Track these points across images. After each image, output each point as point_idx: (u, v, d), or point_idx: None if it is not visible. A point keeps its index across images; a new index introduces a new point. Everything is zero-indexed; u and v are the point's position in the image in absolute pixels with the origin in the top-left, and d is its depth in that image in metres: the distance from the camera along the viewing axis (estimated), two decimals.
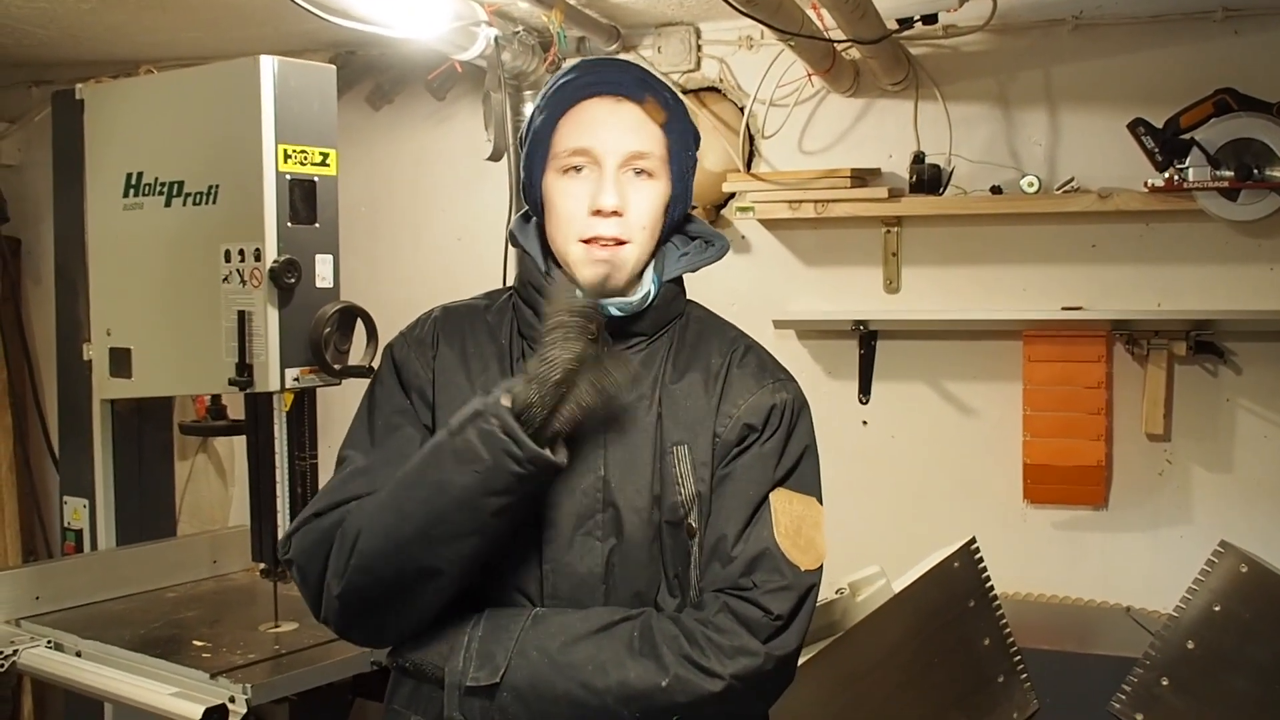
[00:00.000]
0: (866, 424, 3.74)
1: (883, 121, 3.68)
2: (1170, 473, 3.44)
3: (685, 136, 1.84)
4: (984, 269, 3.59)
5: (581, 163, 1.78)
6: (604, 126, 1.78)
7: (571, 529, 1.76)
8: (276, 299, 2.95)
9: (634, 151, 1.78)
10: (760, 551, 1.74)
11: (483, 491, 1.64)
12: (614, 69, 1.82)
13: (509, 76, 3.60)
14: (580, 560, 1.75)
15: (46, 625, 3.09)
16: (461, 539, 1.67)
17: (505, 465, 1.62)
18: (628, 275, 1.80)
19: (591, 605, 1.75)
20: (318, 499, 1.82)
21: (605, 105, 1.79)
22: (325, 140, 3.06)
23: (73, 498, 3.58)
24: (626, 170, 1.78)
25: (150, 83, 3.38)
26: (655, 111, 1.80)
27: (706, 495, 1.78)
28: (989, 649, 2.57)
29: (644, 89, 1.79)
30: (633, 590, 1.77)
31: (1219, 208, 3.19)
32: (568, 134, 1.80)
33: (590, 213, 1.76)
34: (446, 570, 1.69)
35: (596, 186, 1.77)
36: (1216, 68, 3.27)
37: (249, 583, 3.51)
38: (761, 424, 1.80)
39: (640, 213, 1.78)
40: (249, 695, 2.66)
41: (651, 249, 1.83)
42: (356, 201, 4.08)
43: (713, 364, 1.85)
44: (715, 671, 1.68)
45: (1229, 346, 3.35)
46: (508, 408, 1.63)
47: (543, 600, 1.76)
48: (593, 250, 1.77)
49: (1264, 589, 2.44)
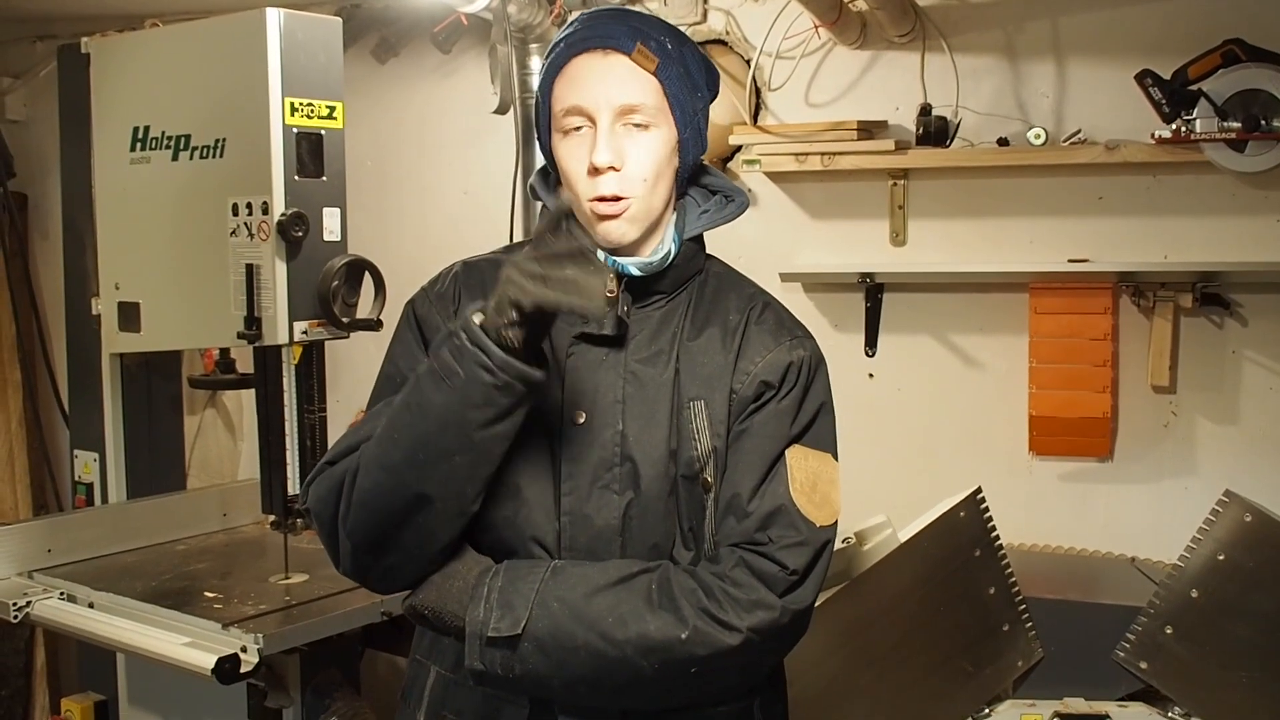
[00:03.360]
0: (873, 376, 3.75)
1: (889, 74, 3.67)
2: (1175, 424, 3.45)
3: (689, 80, 1.83)
4: (990, 221, 3.58)
5: (578, 122, 1.78)
6: (593, 81, 1.77)
7: (589, 482, 1.77)
8: (284, 252, 2.96)
9: (625, 104, 1.76)
10: (776, 507, 1.76)
11: (461, 405, 1.65)
12: (605, 21, 1.81)
13: (515, 29, 3.59)
14: (598, 513, 1.77)
15: (59, 578, 3.12)
16: (447, 459, 1.68)
17: (478, 376, 1.63)
18: (641, 228, 1.80)
19: (608, 557, 1.76)
20: (333, 448, 1.84)
21: (594, 60, 1.78)
22: (331, 93, 3.06)
23: (83, 452, 3.60)
24: (624, 124, 1.77)
25: (156, 36, 3.38)
26: (645, 60, 1.78)
27: (722, 450, 1.80)
28: (994, 598, 2.58)
29: (634, 38, 1.78)
30: (649, 543, 1.78)
31: (1226, 159, 3.18)
32: (562, 93, 1.79)
33: (588, 172, 1.77)
34: (437, 496, 1.70)
35: (592, 145, 1.76)
36: (1224, 18, 3.24)
37: (259, 535, 3.54)
38: (779, 381, 1.81)
39: (639, 165, 1.77)
40: (260, 645, 2.69)
41: (664, 198, 1.83)
42: (363, 155, 4.08)
43: (730, 320, 1.85)
44: (733, 625, 1.70)
45: (1235, 298, 3.34)
46: (478, 323, 1.64)
47: (560, 553, 1.77)
48: (599, 207, 1.77)
49: (1268, 538, 2.45)
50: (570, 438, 1.78)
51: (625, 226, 1.78)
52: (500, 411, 1.66)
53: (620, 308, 1.79)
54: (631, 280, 1.81)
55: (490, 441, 1.68)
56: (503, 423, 1.67)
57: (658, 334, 1.83)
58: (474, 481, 1.71)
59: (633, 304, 1.82)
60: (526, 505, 1.78)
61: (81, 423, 3.61)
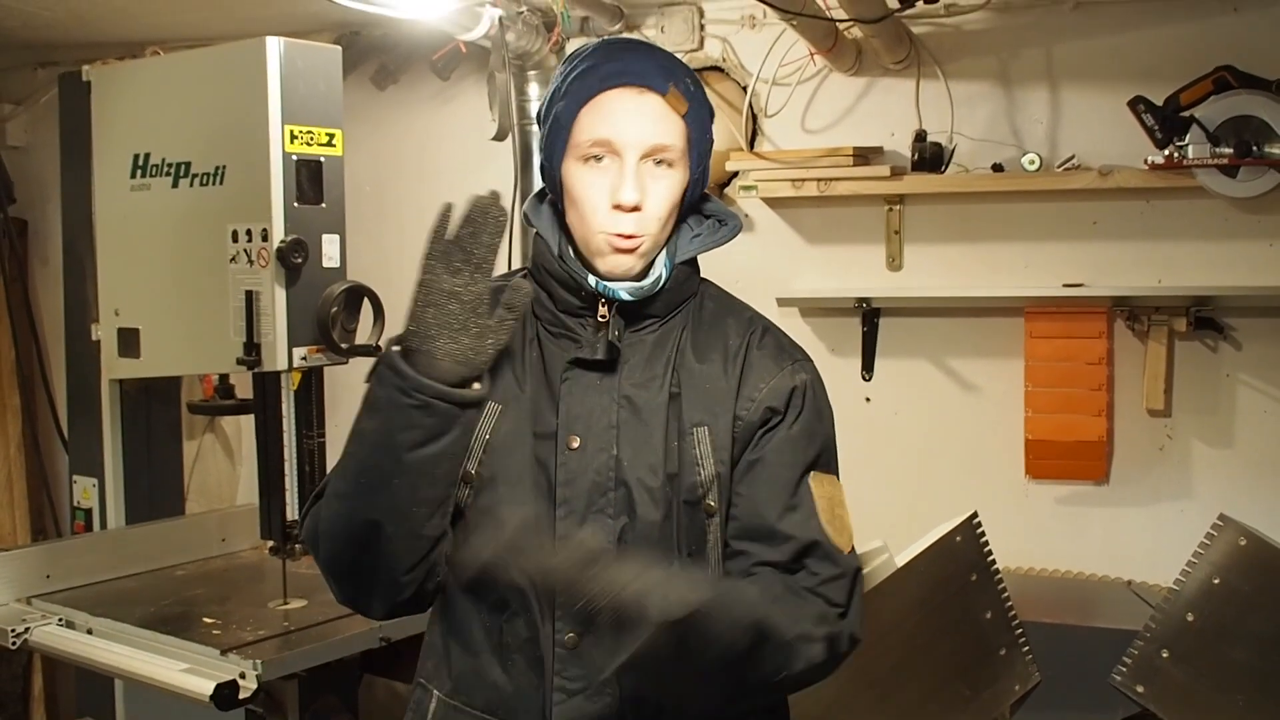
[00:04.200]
0: (869, 401, 3.76)
1: (885, 100, 3.69)
2: (1171, 448, 3.46)
3: (704, 121, 1.84)
4: (986, 246, 3.60)
5: (602, 153, 1.77)
6: (627, 119, 1.76)
7: (584, 506, 1.77)
8: (284, 279, 2.97)
9: (656, 145, 1.76)
10: (810, 541, 1.77)
11: (388, 430, 1.66)
12: (637, 56, 1.81)
13: (513, 56, 3.62)
14: (592, 537, 1.77)
15: (57, 603, 3.12)
16: (387, 485, 1.68)
17: (398, 400, 1.64)
18: (647, 262, 1.82)
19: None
20: (325, 480, 1.86)
21: (629, 96, 1.77)
22: (331, 121, 3.07)
23: (82, 477, 3.61)
24: (647, 161, 1.77)
25: (157, 64, 3.41)
26: (678, 102, 1.78)
27: (726, 476, 1.81)
28: (991, 622, 2.59)
29: (667, 78, 1.78)
30: None
31: (1219, 184, 3.20)
32: (590, 124, 1.78)
33: (611, 206, 1.76)
34: (385, 521, 1.70)
35: (617, 179, 1.76)
36: (1216, 45, 3.27)
37: (257, 560, 3.54)
38: (784, 406, 1.82)
39: (658, 204, 1.78)
40: (259, 671, 2.69)
41: (669, 233, 1.84)
42: (362, 181, 4.09)
43: (730, 345, 1.86)
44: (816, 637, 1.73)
45: (1229, 322, 3.36)
46: (396, 349, 1.66)
47: None
48: (616, 241, 1.78)
49: (1263, 562, 2.46)
50: (565, 462, 1.79)
51: (636, 261, 1.79)
52: (428, 433, 1.65)
53: (612, 332, 1.80)
54: (623, 304, 1.82)
55: (423, 463, 1.67)
56: (434, 443, 1.66)
57: (651, 358, 1.84)
58: (420, 504, 1.71)
59: (625, 328, 1.83)
60: (523, 530, 1.78)
61: (80, 448, 3.61)
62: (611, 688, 1.76)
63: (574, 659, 1.76)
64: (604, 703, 1.76)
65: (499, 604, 1.80)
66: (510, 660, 1.80)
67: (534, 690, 1.78)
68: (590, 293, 1.81)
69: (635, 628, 1.56)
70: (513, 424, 1.81)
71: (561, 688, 1.76)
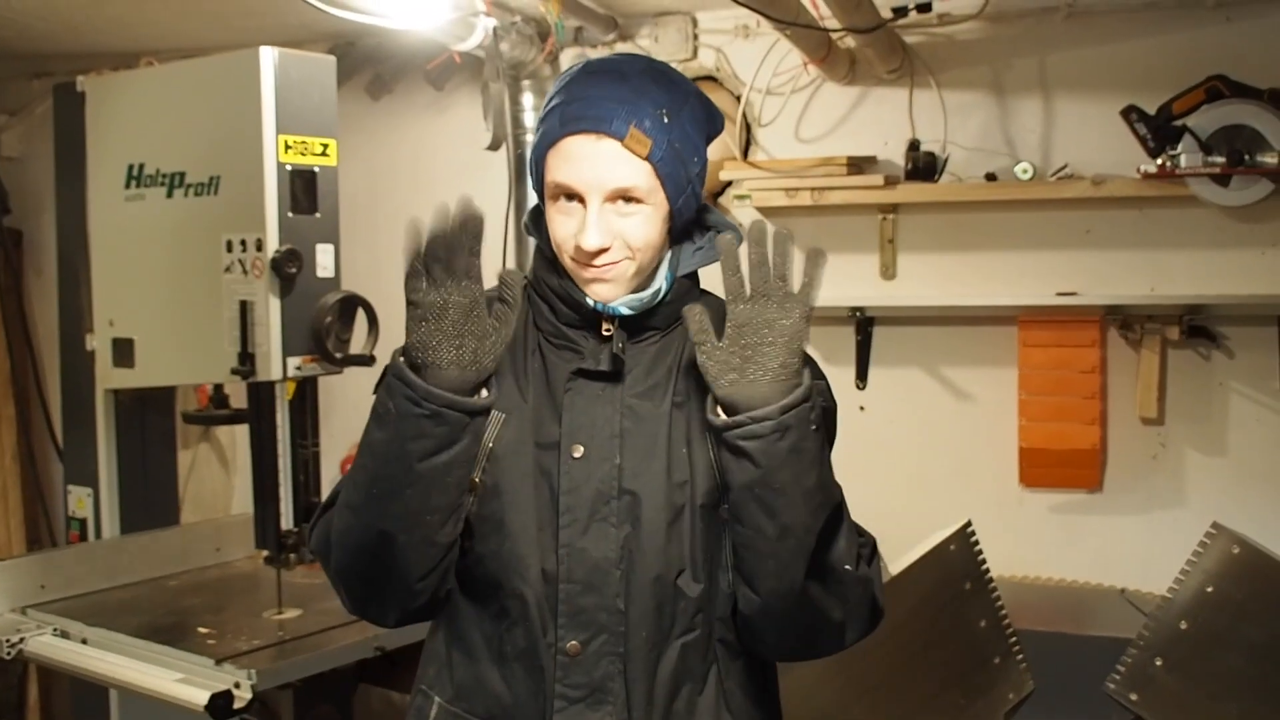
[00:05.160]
0: (863, 410, 3.76)
1: (878, 109, 3.70)
2: (1164, 456, 3.47)
3: (682, 153, 1.79)
4: (979, 255, 3.61)
5: (567, 197, 1.77)
6: (584, 165, 1.74)
7: (587, 515, 1.77)
8: (278, 289, 2.97)
9: (615, 189, 1.74)
10: None
11: (399, 440, 1.66)
12: (601, 96, 1.76)
13: (507, 66, 3.62)
14: (595, 546, 1.77)
15: (52, 613, 3.12)
16: (399, 494, 1.69)
17: (408, 410, 1.64)
18: (630, 285, 1.81)
19: (607, 589, 1.77)
20: (333, 492, 1.87)
21: (586, 143, 1.74)
22: (325, 131, 3.08)
23: (77, 487, 3.60)
24: (616, 201, 1.75)
25: (151, 75, 3.40)
26: (638, 145, 1.74)
27: None
28: (985, 630, 2.60)
29: (627, 120, 1.74)
30: (651, 575, 1.78)
31: (1211, 193, 3.21)
32: (554, 167, 1.77)
33: (576, 247, 1.76)
34: (398, 530, 1.71)
35: (581, 223, 1.75)
36: (1208, 54, 3.28)
37: (252, 570, 3.53)
38: None
39: (632, 238, 1.76)
40: (254, 681, 2.69)
41: (655, 258, 1.82)
42: (357, 191, 4.09)
43: None
44: None
45: (1222, 331, 3.37)
46: (403, 358, 1.67)
47: (559, 583, 1.78)
48: (589, 271, 1.78)
49: (1256, 570, 2.47)
50: (568, 471, 1.79)
51: (613, 289, 1.79)
52: (439, 442, 1.66)
53: (615, 344, 1.81)
54: (625, 318, 1.83)
55: (435, 472, 1.68)
56: (445, 452, 1.67)
57: (653, 368, 1.84)
58: (434, 512, 1.72)
59: (628, 340, 1.84)
60: (513, 539, 1.79)
61: (75, 458, 3.61)
62: (613, 696, 1.77)
63: (576, 666, 1.77)
64: (604, 710, 1.77)
65: (499, 612, 1.80)
66: (510, 669, 1.80)
67: (533, 698, 1.78)
68: (590, 310, 1.81)
69: None
70: (515, 433, 1.81)
71: (563, 695, 1.77)
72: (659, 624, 1.78)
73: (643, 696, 1.78)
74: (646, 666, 1.78)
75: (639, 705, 1.77)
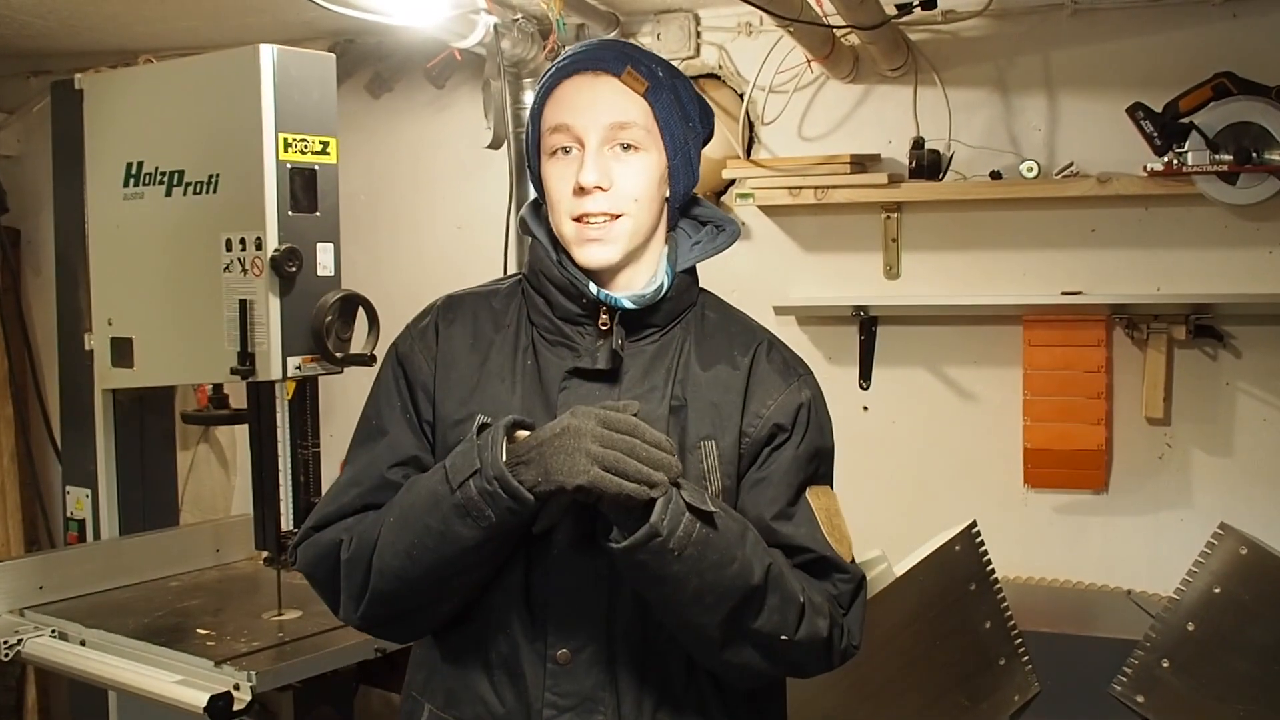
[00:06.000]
0: (867, 409, 3.75)
1: (882, 107, 3.68)
2: (1170, 456, 3.45)
3: (680, 108, 1.83)
4: (984, 254, 3.59)
5: (567, 143, 1.78)
6: (581, 102, 1.78)
7: (577, 522, 1.76)
8: (278, 288, 2.96)
9: (613, 122, 1.77)
10: (820, 556, 1.78)
11: (488, 539, 1.67)
12: (596, 46, 1.83)
13: (508, 64, 3.60)
14: (584, 554, 1.75)
15: (50, 615, 3.11)
16: (470, 572, 1.73)
17: (508, 521, 1.64)
18: (625, 249, 1.79)
19: (598, 594, 1.76)
20: (317, 509, 1.87)
21: (583, 81, 1.79)
22: (325, 129, 3.06)
23: (75, 488, 3.59)
24: (613, 146, 1.77)
25: (150, 72, 3.39)
26: (634, 81, 1.78)
27: (732, 490, 1.80)
28: (990, 632, 2.58)
29: (623, 61, 1.79)
30: None
31: (1218, 191, 3.19)
32: (550, 113, 1.80)
33: (574, 191, 1.76)
34: (455, 594, 1.76)
35: (580, 165, 1.76)
36: (1215, 51, 3.26)
37: (252, 571, 3.52)
38: (791, 423, 1.82)
39: (629, 185, 1.77)
40: (253, 683, 2.68)
41: (651, 224, 1.82)
42: (357, 189, 4.09)
43: (736, 359, 1.85)
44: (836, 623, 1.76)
45: (1228, 330, 3.35)
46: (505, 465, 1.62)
47: (549, 592, 1.76)
48: (584, 230, 1.77)
49: (1263, 571, 2.45)
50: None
51: (608, 249, 1.78)
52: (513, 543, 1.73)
53: (615, 340, 1.79)
54: (625, 314, 1.80)
55: (500, 556, 1.74)
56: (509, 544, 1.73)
57: (651, 368, 1.82)
58: (488, 577, 1.77)
59: (626, 338, 1.82)
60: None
61: (74, 458, 3.59)
62: (603, 705, 1.75)
63: (566, 675, 1.75)
64: (595, 719, 1.75)
65: (489, 620, 1.79)
66: (495, 676, 1.79)
67: (519, 706, 1.77)
68: (591, 300, 1.79)
69: None
70: None
71: (552, 704, 1.75)
72: (648, 632, 1.77)
73: (633, 705, 1.76)
74: (637, 675, 1.77)
75: (630, 714, 1.76)
